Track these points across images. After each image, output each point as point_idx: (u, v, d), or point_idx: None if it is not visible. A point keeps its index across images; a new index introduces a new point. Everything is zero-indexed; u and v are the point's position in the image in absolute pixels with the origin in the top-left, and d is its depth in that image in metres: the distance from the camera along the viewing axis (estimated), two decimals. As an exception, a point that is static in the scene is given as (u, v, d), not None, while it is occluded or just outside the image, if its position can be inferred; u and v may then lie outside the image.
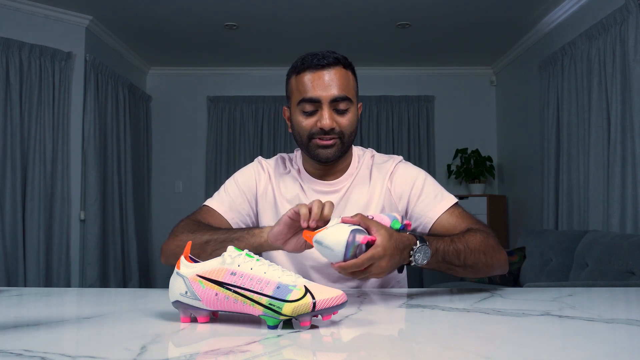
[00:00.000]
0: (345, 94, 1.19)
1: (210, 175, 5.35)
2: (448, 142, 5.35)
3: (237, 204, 1.29)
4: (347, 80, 1.21)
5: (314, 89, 1.19)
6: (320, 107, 1.19)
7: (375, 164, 1.32)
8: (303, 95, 1.20)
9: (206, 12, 3.97)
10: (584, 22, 3.50)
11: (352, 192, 1.29)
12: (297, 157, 1.35)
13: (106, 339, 0.74)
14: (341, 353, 0.69)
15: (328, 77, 1.19)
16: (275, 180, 1.33)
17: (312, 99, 1.19)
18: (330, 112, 1.19)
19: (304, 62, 1.21)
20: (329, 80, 1.19)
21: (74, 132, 4.03)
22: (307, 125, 1.21)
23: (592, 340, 0.72)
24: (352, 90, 1.23)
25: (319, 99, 1.18)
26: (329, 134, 1.19)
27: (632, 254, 2.37)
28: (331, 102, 1.19)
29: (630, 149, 2.90)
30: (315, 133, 1.20)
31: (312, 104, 1.19)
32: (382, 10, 3.93)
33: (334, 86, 1.18)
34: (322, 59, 1.20)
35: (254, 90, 5.40)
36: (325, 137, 1.20)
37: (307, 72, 1.20)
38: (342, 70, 1.21)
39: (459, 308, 0.93)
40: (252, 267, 0.78)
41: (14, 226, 3.62)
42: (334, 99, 1.18)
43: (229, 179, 1.35)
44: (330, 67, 1.20)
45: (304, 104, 1.20)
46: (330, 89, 1.18)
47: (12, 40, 3.64)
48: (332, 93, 1.18)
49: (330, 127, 1.18)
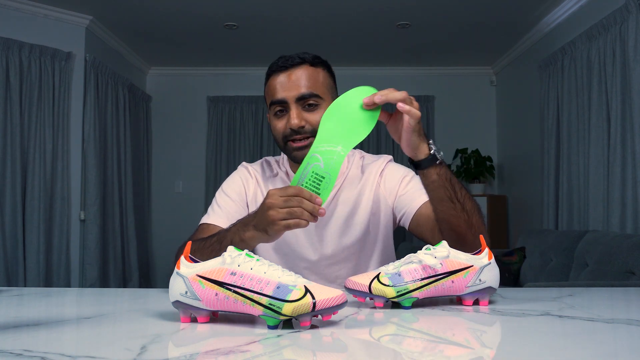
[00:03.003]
0: (312, 90, 1.19)
1: (210, 175, 5.35)
2: (448, 142, 5.35)
3: (232, 213, 1.28)
4: (314, 78, 1.21)
5: (280, 91, 1.20)
6: (288, 107, 1.20)
7: (366, 163, 1.34)
8: (271, 98, 1.21)
9: (206, 12, 3.97)
10: (584, 22, 3.50)
11: (342, 193, 1.29)
12: (284, 159, 1.35)
13: (106, 339, 0.74)
14: (341, 353, 0.69)
15: (294, 76, 1.20)
16: (264, 183, 1.33)
17: (279, 100, 1.20)
18: (298, 111, 1.19)
19: (271, 66, 1.23)
20: (294, 79, 1.19)
21: (74, 132, 4.03)
22: (280, 127, 1.22)
23: (592, 340, 0.72)
24: (322, 86, 1.22)
25: (285, 99, 1.19)
26: (301, 133, 1.19)
27: (632, 254, 2.37)
28: (298, 101, 1.19)
29: (630, 149, 2.90)
30: (288, 135, 1.20)
31: (280, 105, 1.20)
32: (382, 10, 3.93)
33: (299, 85, 1.19)
34: (287, 61, 1.21)
35: (254, 90, 5.40)
36: (298, 137, 1.20)
37: (274, 76, 1.22)
38: (309, 69, 1.21)
39: (459, 308, 0.93)
40: (252, 267, 0.78)
41: (14, 226, 3.62)
42: (300, 96, 1.19)
43: (218, 192, 1.34)
44: (294, 67, 1.20)
45: (274, 107, 1.21)
46: (295, 88, 1.19)
47: (12, 40, 3.64)
48: (296, 92, 1.19)
49: (298, 125, 1.18)
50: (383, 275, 0.91)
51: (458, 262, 0.93)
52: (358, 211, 1.28)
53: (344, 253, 1.28)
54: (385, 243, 1.33)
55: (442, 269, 0.91)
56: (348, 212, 1.27)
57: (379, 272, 0.92)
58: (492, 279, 0.94)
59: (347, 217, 1.27)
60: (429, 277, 0.91)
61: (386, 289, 0.90)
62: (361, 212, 1.28)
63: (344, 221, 1.27)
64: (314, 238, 1.27)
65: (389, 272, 0.92)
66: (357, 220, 1.28)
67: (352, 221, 1.28)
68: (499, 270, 0.96)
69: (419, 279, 0.91)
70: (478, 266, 0.93)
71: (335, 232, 1.27)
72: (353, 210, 1.28)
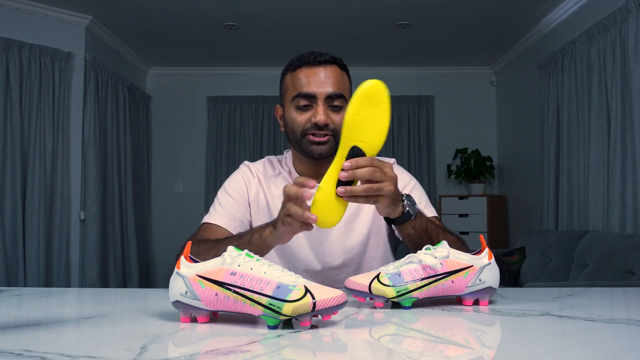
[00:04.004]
0: (341, 91, 1.20)
1: (210, 175, 5.35)
2: (448, 142, 5.35)
3: (234, 212, 1.27)
4: (342, 80, 1.22)
5: (309, 85, 1.19)
6: (315, 102, 1.19)
7: None
8: (298, 91, 1.20)
9: (206, 12, 3.97)
10: (584, 22, 3.50)
11: None
12: (288, 158, 1.34)
13: (106, 339, 0.74)
14: (341, 353, 0.69)
15: (324, 74, 1.19)
16: (266, 183, 1.31)
17: (307, 94, 1.19)
18: (324, 108, 1.19)
19: (301, 59, 1.22)
20: (324, 77, 1.19)
21: (74, 132, 4.03)
22: (301, 120, 1.20)
23: (592, 340, 0.72)
24: (347, 90, 1.23)
25: (314, 94, 1.18)
26: (323, 129, 1.19)
27: (632, 254, 2.37)
28: (326, 99, 1.19)
29: (630, 149, 2.90)
30: (309, 129, 1.19)
31: (307, 99, 1.19)
32: (382, 10, 3.93)
33: (329, 83, 1.19)
34: (319, 56, 1.20)
35: (254, 90, 5.40)
36: (319, 132, 1.19)
37: (303, 68, 1.20)
38: (338, 70, 1.22)
39: (459, 308, 0.93)
40: (252, 267, 0.78)
41: (14, 226, 3.62)
42: (329, 95, 1.18)
43: (220, 192, 1.33)
44: (326, 64, 1.20)
45: (298, 99, 1.20)
46: (326, 85, 1.19)
47: (12, 40, 3.64)
48: (327, 89, 1.18)
49: (325, 122, 1.18)
50: (383, 275, 0.91)
51: (458, 262, 0.93)
52: (359, 216, 1.28)
53: (344, 257, 1.27)
54: (385, 247, 1.32)
55: (442, 269, 0.91)
56: (350, 216, 1.27)
57: (379, 272, 0.92)
58: (492, 279, 0.94)
59: (348, 221, 1.27)
60: (429, 277, 0.91)
61: (386, 289, 0.90)
62: (363, 216, 1.28)
63: (346, 225, 1.27)
64: (315, 241, 1.27)
65: (389, 272, 0.92)
66: (359, 224, 1.27)
67: (353, 225, 1.27)
68: (499, 270, 0.96)
69: (419, 279, 0.91)
70: (478, 266, 0.93)
71: (336, 236, 1.27)
72: (355, 215, 1.27)
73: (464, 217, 4.76)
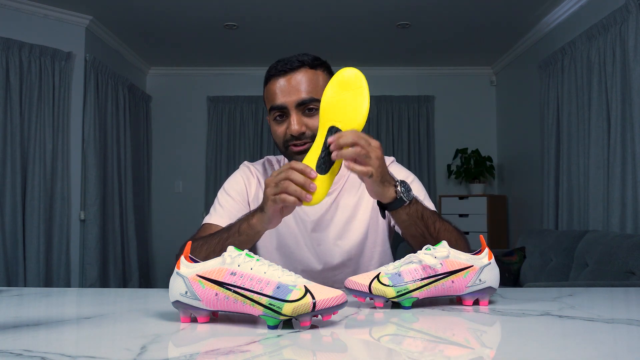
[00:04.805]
0: (312, 95, 1.17)
1: (210, 175, 5.35)
2: (448, 142, 5.35)
3: (234, 212, 1.27)
4: (314, 82, 1.18)
5: (280, 96, 1.17)
6: (288, 112, 1.18)
7: None
8: (271, 104, 1.19)
9: (206, 12, 3.97)
10: (584, 22, 3.50)
11: (342, 197, 1.28)
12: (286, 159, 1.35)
13: (106, 339, 0.74)
14: (341, 353, 0.69)
15: (293, 81, 1.17)
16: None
17: (279, 106, 1.18)
18: (298, 117, 1.17)
19: (270, 70, 1.21)
20: (294, 84, 1.17)
21: (74, 132, 4.03)
22: (280, 132, 1.20)
23: (592, 340, 0.72)
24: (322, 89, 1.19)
25: (285, 105, 1.17)
26: (300, 138, 1.17)
27: (632, 254, 2.37)
28: (298, 107, 1.16)
29: (630, 149, 2.90)
30: (289, 140, 1.18)
31: (280, 111, 1.18)
32: (382, 10, 3.93)
33: (299, 90, 1.16)
34: (285, 65, 1.18)
35: (254, 90, 5.40)
36: (298, 142, 1.17)
37: (272, 80, 1.19)
38: (309, 72, 1.19)
39: (459, 308, 0.93)
40: (252, 267, 0.78)
41: (14, 226, 3.62)
42: (300, 102, 1.16)
43: (220, 192, 1.32)
44: (293, 71, 1.18)
45: (274, 112, 1.19)
46: (294, 93, 1.16)
47: (12, 40, 3.64)
48: (296, 97, 1.16)
49: (299, 131, 1.16)
50: (383, 275, 0.91)
51: (458, 262, 0.93)
52: (357, 216, 1.28)
53: (342, 257, 1.27)
54: (384, 247, 1.32)
55: (442, 269, 0.91)
56: (347, 216, 1.27)
57: (379, 272, 0.92)
58: (492, 279, 0.94)
59: (346, 221, 1.27)
60: (429, 277, 0.91)
61: (386, 289, 0.90)
62: (360, 217, 1.28)
63: (343, 225, 1.27)
64: (313, 242, 1.27)
65: (389, 272, 0.92)
66: (356, 225, 1.27)
67: (351, 226, 1.27)
68: (499, 270, 0.96)
69: (419, 279, 0.91)
70: (478, 266, 0.93)
71: (334, 236, 1.27)
72: (352, 215, 1.27)
73: (464, 217, 4.76)
